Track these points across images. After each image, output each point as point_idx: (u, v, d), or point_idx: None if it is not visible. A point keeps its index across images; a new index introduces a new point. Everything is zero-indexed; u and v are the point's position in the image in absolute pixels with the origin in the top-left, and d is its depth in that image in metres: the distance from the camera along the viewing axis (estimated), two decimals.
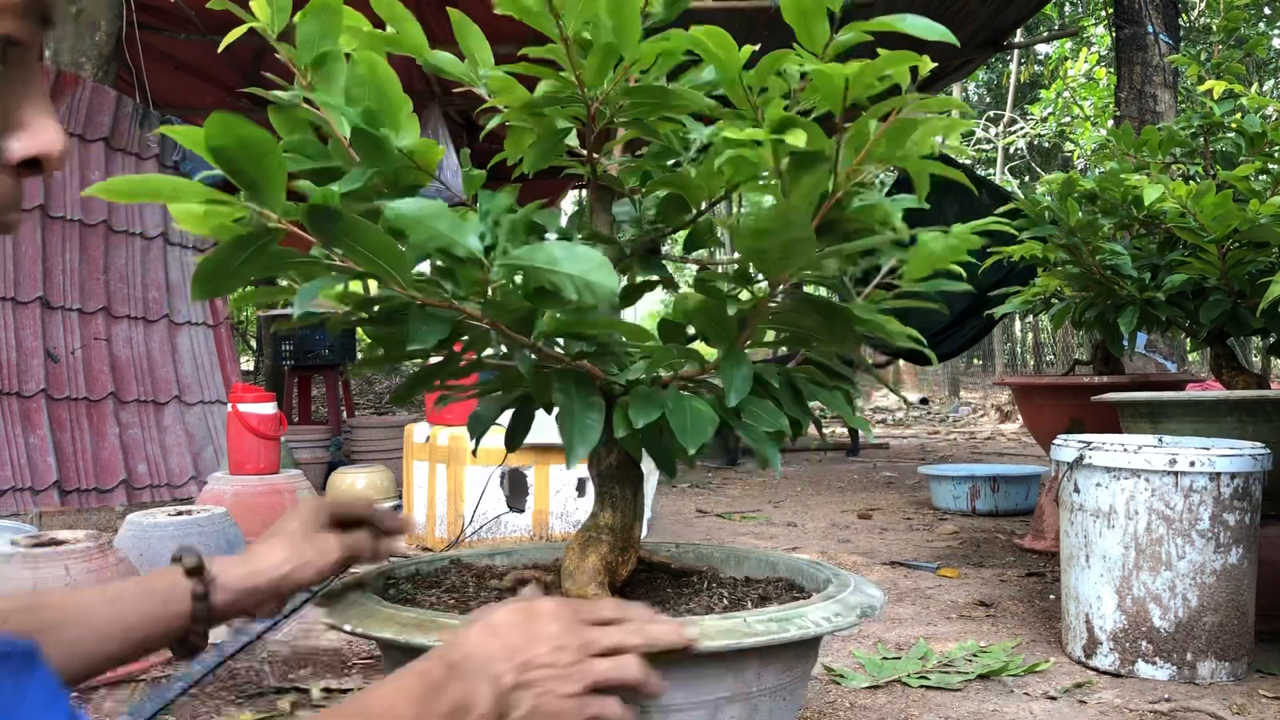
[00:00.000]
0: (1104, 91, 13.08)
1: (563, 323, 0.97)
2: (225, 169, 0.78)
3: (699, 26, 0.91)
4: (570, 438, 0.92)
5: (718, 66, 0.92)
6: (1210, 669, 1.77)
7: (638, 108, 1.04)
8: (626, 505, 1.11)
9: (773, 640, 0.89)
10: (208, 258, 0.83)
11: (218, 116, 0.74)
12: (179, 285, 4.18)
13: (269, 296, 0.98)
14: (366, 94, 0.95)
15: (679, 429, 0.93)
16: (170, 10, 4.95)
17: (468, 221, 0.88)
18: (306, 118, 1.00)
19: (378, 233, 0.83)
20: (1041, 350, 14.22)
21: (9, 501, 3.21)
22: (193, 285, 0.84)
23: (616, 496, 1.11)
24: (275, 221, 0.81)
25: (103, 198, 0.79)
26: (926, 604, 2.38)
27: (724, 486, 4.96)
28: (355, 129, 0.94)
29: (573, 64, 0.97)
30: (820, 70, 0.85)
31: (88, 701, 1.66)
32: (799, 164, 0.90)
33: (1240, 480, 1.78)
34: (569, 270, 0.81)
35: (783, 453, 5.62)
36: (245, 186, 0.79)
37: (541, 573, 1.15)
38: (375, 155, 0.95)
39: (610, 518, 1.09)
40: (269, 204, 0.81)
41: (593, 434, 0.93)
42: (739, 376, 0.96)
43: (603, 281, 0.80)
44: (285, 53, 0.98)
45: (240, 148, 0.76)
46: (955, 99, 0.95)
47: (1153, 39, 5.76)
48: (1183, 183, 2.29)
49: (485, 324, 0.92)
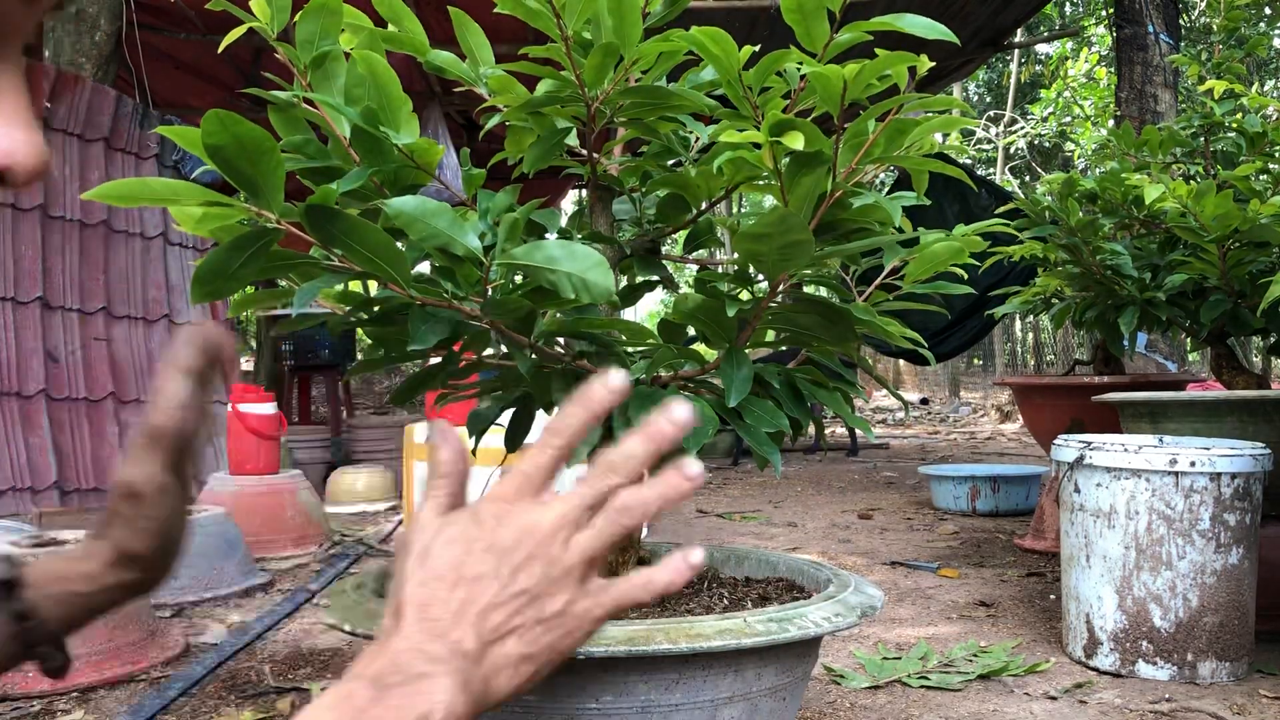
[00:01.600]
0: (1104, 91, 13.08)
1: (563, 322, 0.97)
2: (222, 168, 0.77)
3: (699, 27, 0.91)
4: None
5: (717, 66, 0.92)
6: (1211, 669, 1.77)
7: (638, 107, 1.04)
8: None
9: (773, 640, 0.89)
10: (205, 260, 0.82)
11: (214, 114, 0.74)
12: (179, 285, 4.18)
13: (269, 300, 0.98)
14: (366, 93, 0.95)
15: None
16: (170, 10, 4.95)
17: (468, 221, 0.88)
18: (306, 117, 1.00)
19: (377, 232, 0.82)
20: (1042, 350, 14.22)
21: (9, 501, 3.21)
22: (192, 288, 0.83)
23: None
24: (273, 222, 0.81)
25: (101, 202, 0.78)
26: (927, 604, 2.38)
27: (724, 486, 4.96)
28: (355, 128, 0.94)
29: (573, 63, 0.97)
30: (818, 72, 0.85)
31: (88, 701, 1.66)
32: (797, 165, 0.90)
33: (1241, 480, 1.78)
34: (567, 269, 0.81)
35: (783, 453, 5.62)
36: (243, 186, 0.79)
37: None
38: (375, 154, 0.95)
39: None
40: (267, 204, 0.81)
41: (593, 434, 0.93)
42: (739, 377, 0.96)
43: (600, 280, 0.80)
44: (285, 53, 0.98)
45: (238, 146, 0.76)
46: (955, 99, 0.95)
47: (1153, 39, 5.76)
48: (1183, 183, 2.29)
49: (485, 324, 0.92)
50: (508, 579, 0.52)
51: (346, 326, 1.00)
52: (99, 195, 0.76)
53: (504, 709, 0.57)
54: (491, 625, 0.52)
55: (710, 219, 1.18)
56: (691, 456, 0.57)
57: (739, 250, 0.92)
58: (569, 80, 1.00)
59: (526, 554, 0.53)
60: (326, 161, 0.97)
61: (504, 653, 0.52)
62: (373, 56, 0.95)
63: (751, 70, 0.94)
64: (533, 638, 0.52)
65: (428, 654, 0.50)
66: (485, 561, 0.52)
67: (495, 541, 0.53)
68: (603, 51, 0.94)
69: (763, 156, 0.91)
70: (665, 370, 1.07)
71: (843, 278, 1.16)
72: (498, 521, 0.54)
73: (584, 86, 0.99)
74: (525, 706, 0.92)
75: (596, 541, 0.54)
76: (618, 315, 1.09)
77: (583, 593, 0.54)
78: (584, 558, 0.53)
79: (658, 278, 1.18)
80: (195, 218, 0.85)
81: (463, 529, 0.54)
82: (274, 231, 0.82)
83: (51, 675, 0.70)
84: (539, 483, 0.56)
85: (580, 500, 0.54)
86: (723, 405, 0.98)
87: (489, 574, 0.52)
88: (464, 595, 0.52)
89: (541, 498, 0.55)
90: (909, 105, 0.90)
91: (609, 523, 0.54)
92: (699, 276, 1.10)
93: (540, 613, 0.52)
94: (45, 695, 1.67)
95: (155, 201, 0.80)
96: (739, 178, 1.04)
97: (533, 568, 0.52)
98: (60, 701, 1.66)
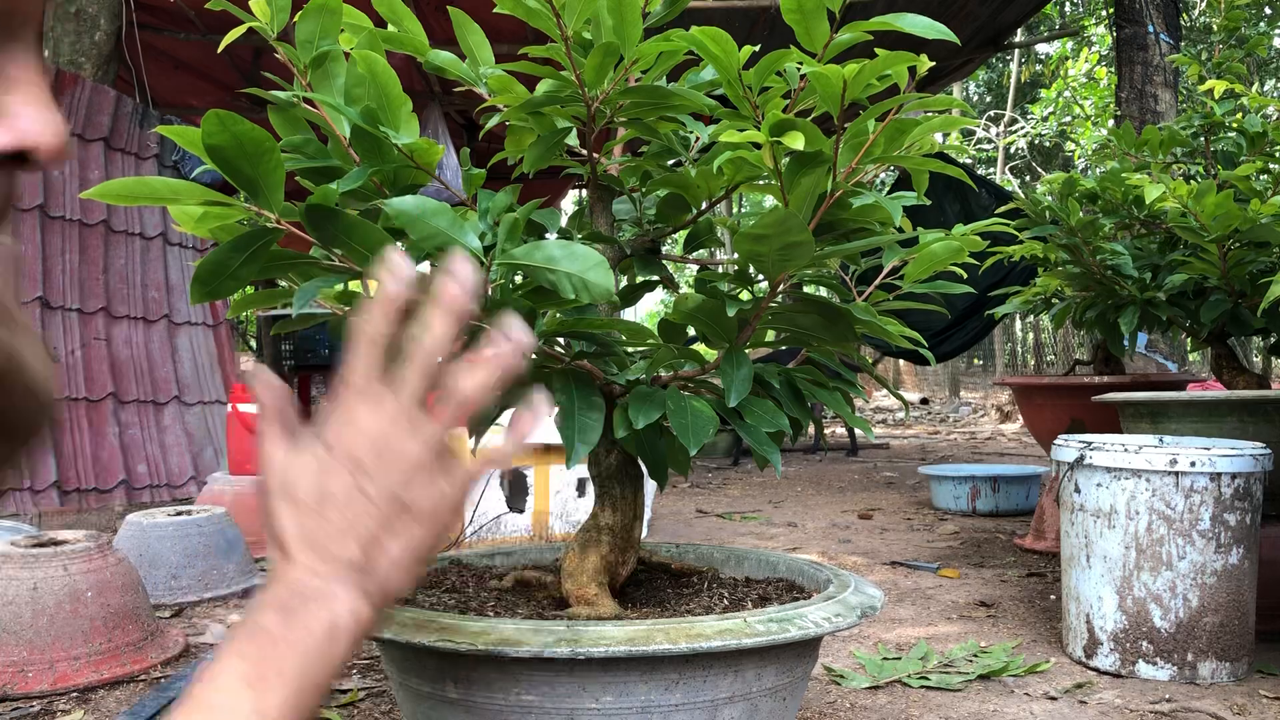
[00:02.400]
0: (1104, 91, 13.08)
1: (562, 322, 0.97)
2: (222, 168, 0.77)
3: (699, 27, 0.91)
4: (570, 438, 0.92)
5: (717, 66, 0.92)
6: (1211, 669, 1.77)
7: (638, 107, 1.04)
8: (626, 505, 1.11)
9: (773, 640, 0.89)
10: (205, 260, 0.82)
11: (214, 114, 0.74)
12: (179, 285, 4.18)
13: (268, 300, 0.98)
14: (366, 93, 0.95)
15: (679, 429, 0.93)
16: (170, 10, 4.95)
17: (468, 220, 0.87)
18: (306, 117, 1.00)
19: (377, 231, 0.82)
20: (1042, 350, 14.22)
21: (9, 501, 3.21)
22: (191, 288, 0.83)
23: (616, 496, 1.11)
24: (273, 221, 0.81)
25: (101, 201, 0.78)
26: (927, 604, 2.38)
27: (724, 486, 4.96)
28: (355, 128, 0.93)
29: (573, 63, 0.97)
30: (818, 72, 0.85)
31: (87, 701, 1.66)
32: (798, 164, 0.90)
33: (1241, 480, 1.78)
34: (567, 269, 0.81)
35: (783, 452, 5.62)
36: (243, 186, 0.79)
37: (541, 573, 1.15)
38: (375, 154, 0.95)
39: (610, 518, 1.09)
40: (267, 204, 0.81)
41: (593, 434, 0.93)
42: (739, 377, 0.96)
43: (600, 280, 0.80)
44: (284, 52, 0.98)
45: (237, 146, 0.75)
46: (955, 99, 0.95)
47: (1153, 39, 5.76)
48: (1184, 182, 2.29)
49: (485, 324, 0.91)
50: (368, 486, 0.54)
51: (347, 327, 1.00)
52: (99, 194, 0.76)
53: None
54: (367, 532, 0.54)
55: (710, 219, 1.18)
56: (515, 319, 0.59)
57: (739, 250, 0.92)
58: (569, 80, 1.00)
59: (376, 458, 0.55)
60: (326, 161, 0.97)
61: (386, 552, 0.54)
62: (372, 56, 0.95)
63: (751, 70, 0.94)
64: (408, 532, 0.55)
65: (320, 572, 0.53)
66: (342, 476, 0.55)
67: (346, 455, 0.55)
68: (602, 51, 0.94)
69: (763, 156, 0.91)
70: (665, 370, 1.08)
71: (842, 278, 1.16)
72: (340, 435, 0.56)
73: (584, 86, 0.99)
74: (525, 706, 0.92)
75: (437, 427, 0.56)
76: (618, 315, 1.09)
77: (440, 479, 0.56)
78: (429, 446, 0.56)
79: (658, 278, 1.18)
80: (195, 217, 0.85)
81: (311, 454, 0.56)
82: (274, 231, 0.82)
83: None
84: (367, 386, 0.57)
85: (410, 390, 0.56)
86: (723, 405, 0.98)
87: (350, 486, 0.54)
88: (335, 514, 0.54)
89: (377, 400, 0.56)
90: (909, 105, 0.90)
91: (446, 407, 0.57)
92: (699, 276, 1.10)
93: (406, 508, 0.55)
94: (45, 695, 1.67)
95: (156, 201, 0.80)
96: (739, 177, 1.04)
97: (387, 470, 0.55)
98: (60, 701, 1.66)
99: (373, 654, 1.93)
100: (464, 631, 0.89)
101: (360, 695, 1.71)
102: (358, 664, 1.89)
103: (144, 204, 0.79)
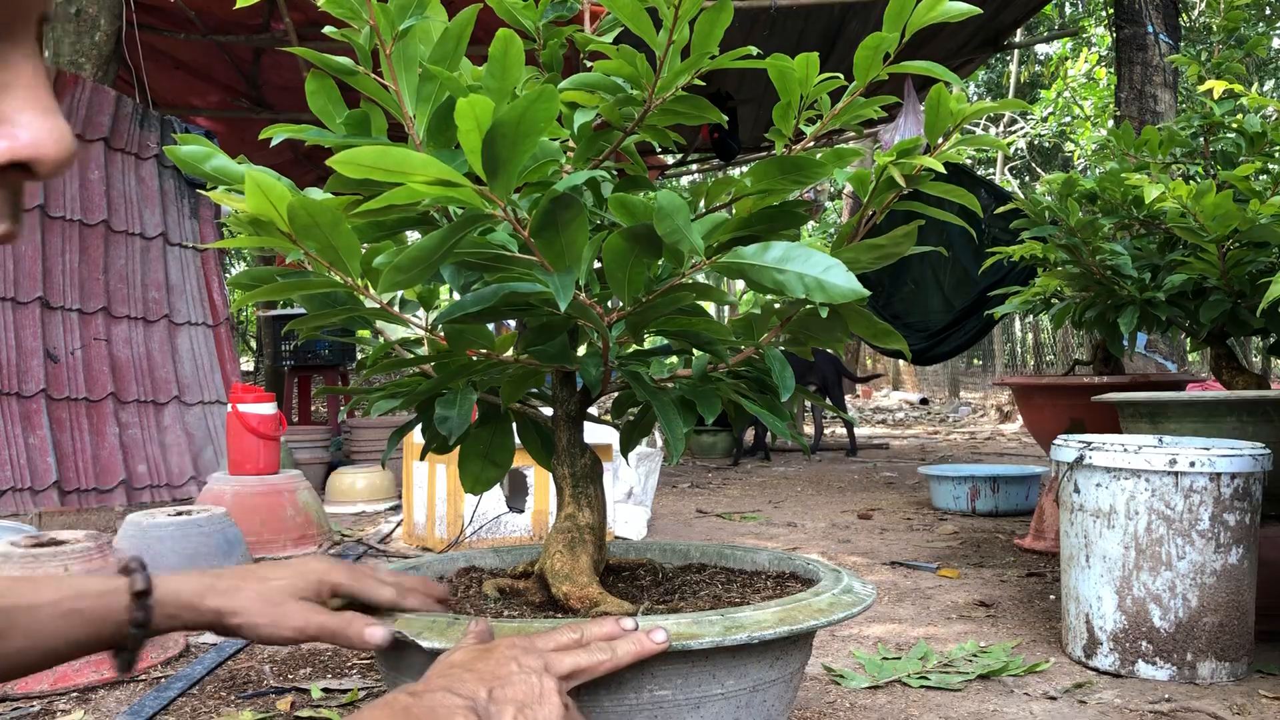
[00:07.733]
0: (1104, 91, 13.08)
1: (677, 322, 0.98)
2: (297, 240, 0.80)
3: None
4: (675, 444, 0.96)
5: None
6: (1210, 669, 1.77)
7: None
8: (599, 504, 1.12)
9: (763, 636, 0.89)
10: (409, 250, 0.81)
11: (262, 181, 0.76)
12: (179, 285, 4.17)
13: (271, 296, 0.98)
14: (492, 79, 0.85)
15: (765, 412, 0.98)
16: (170, 10, 4.95)
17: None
18: (370, 88, 0.95)
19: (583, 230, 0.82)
20: (1041, 350, 14.22)
21: (9, 501, 3.21)
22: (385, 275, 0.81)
23: (591, 496, 1.11)
24: (498, 208, 0.79)
25: (342, 171, 0.71)
26: (926, 604, 2.38)
27: (724, 486, 4.96)
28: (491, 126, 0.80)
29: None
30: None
31: (87, 701, 1.66)
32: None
33: (1240, 480, 1.78)
34: (799, 269, 0.81)
35: (783, 452, 5.62)
36: (323, 256, 0.81)
37: (514, 580, 1.15)
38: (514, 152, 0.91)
39: (590, 517, 1.10)
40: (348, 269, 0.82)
41: (684, 433, 0.99)
42: (787, 376, 1.00)
43: (840, 281, 0.80)
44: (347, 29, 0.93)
45: (310, 223, 0.78)
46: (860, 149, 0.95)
47: (1153, 39, 5.76)
48: (1183, 183, 2.29)
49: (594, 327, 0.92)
50: (518, 679, 0.76)
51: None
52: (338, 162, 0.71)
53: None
54: (500, 692, 0.74)
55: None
56: (661, 627, 0.86)
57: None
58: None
59: (533, 669, 0.78)
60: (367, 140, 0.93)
61: (500, 710, 0.73)
62: (509, 34, 0.84)
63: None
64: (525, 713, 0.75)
65: (452, 690, 0.73)
66: (485, 661, 0.78)
67: (489, 657, 0.78)
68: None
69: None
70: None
71: None
72: (516, 650, 0.79)
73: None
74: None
75: (561, 661, 0.80)
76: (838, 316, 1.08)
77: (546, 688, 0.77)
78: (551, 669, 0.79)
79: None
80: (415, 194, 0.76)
81: (469, 650, 0.80)
82: (487, 218, 0.79)
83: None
84: (548, 647, 0.82)
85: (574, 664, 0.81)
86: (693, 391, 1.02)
87: (489, 667, 0.77)
88: (472, 674, 0.75)
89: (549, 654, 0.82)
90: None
91: (578, 653, 0.82)
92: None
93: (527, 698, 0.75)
94: (45, 695, 1.67)
95: (385, 175, 0.73)
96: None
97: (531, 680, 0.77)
98: (60, 701, 1.66)
99: (372, 654, 1.93)
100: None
101: (360, 695, 1.71)
102: (357, 664, 1.89)
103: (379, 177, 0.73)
